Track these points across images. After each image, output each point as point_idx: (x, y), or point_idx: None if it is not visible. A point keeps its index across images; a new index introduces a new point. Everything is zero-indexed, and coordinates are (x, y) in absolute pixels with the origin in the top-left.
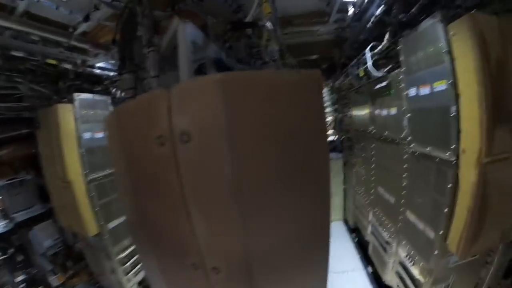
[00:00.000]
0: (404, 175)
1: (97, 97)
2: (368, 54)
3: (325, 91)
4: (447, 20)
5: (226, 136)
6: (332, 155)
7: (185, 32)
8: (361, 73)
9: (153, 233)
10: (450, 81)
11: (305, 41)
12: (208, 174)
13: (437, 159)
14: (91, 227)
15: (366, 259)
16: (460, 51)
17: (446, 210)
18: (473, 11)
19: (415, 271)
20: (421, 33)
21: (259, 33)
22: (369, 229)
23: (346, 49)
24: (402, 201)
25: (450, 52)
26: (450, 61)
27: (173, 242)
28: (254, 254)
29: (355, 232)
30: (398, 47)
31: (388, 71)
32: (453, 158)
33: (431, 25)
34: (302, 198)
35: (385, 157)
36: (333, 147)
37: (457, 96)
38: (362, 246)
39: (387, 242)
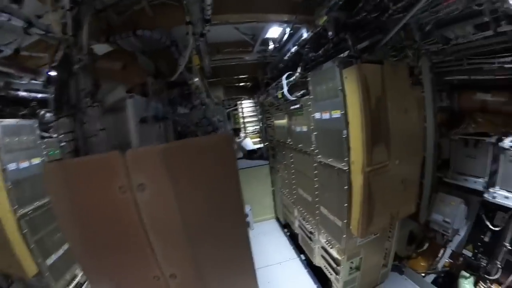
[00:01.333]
0: (315, 179)
1: (22, 121)
2: (284, 81)
3: (252, 104)
4: (343, 65)
5: (170, 185)
6: (260, 161)
7: (133, 106)
8: (279, 95)
9: (116, 259)
10: (343, 111)
11: (234, 63)
12: (161, 211)
13: (336, 168)
14: (30, 267)
15: (298, 249)
16: (350, 90)
17: (346, 204)
18: (361, 61)
19: (334, 252)
20: (324, 71)
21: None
22: (296, 223)
23: (268, 71)
24: (316, 199)
25: (343, 89)
26: (343, 96)
27: (136, 262)
28: (199, 261)
29: (286, 227)
30: (308, 79)
31: (302, 95)
32: (346, 168)
33: (331, 67)
34: (225, 223)
35: (301, 164)
36: (260, 154)
37: (347, 123)
38: (293, 238)
39: (311, 233)
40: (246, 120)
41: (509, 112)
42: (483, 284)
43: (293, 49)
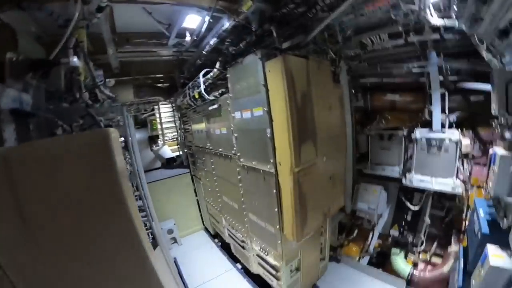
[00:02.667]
0: (240, 185)
1: None
2: (201, 79)
3: (170, 108)
4: (266, 58)
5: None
6: (180, 170)
7: None
8: (196, 95)
9: None
10: (266, 108)
11: (148, 59)
12: None
13: (262, 171)
14: None
15: (233, 258)
16: (273, 85)
17: (276, 209)
18: (286, 54)
19: (271, 259)
20: (245, 66)
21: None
22: (226, 232)
23: (186, 70)
24: (244, 206)
25: (266, 84)
26: (266, 92)
27: None
28: None
29: (217, 237)
30: (227, 75)
31: (221, 94)
32: (273, 170)
33: (253, 60)
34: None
35: (223, 170)
36: (180, 162)
37: (271, 120)
38: (226, 248)
39: (243, 241)
40: (164, 126)
41: (414, 109)
42: (412, 255)
43: (212, 42)
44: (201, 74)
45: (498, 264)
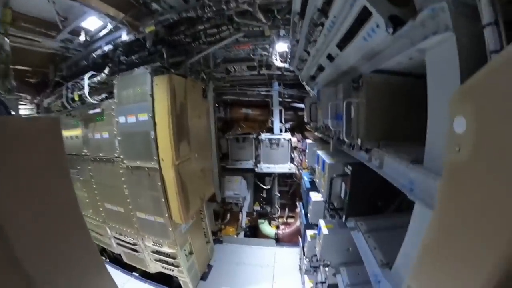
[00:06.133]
0: (124, 186)
1: None
2: (86, 81)
3: (31, 110)
4: (154, 73)
5: None
6: None
7: None
8: (76, 97)
9: None
10: (151, 114)
11: (24, 46)
12: None
13: (146, 168)
14: None
15: (128, 268)
16: (159, 96)
17: (163, 199)
18: (171, 73)
19: (166, 249)
20: (135, 76)
21: None
22: (113, 243)
23: (65, 69)
24: (130, 207)
25: (152, 95)
26: (151, 101)
27: None
28: None
29: (103, 253)
30: (114, 82)
31: (102, 100)
32: (157, 166)
33: (143, 73)
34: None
35: (104, 175)
36: None
37: (155, 124)
38: (117, 261)
39: (135, 244)
40: None
41: (261, 120)
42: (273, 221)
43: (106, 48)
44: (86, 76)
45: (316, 199)
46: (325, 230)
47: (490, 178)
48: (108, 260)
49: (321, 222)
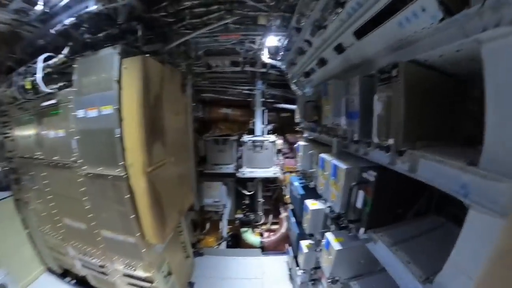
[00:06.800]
0: (84, 198)
1: None
2: (40, 64)
3: None
4: (124, 54)
5: None
6: None
7: None
8: (28, 85)
9: None
10: (116, 106)
11: None
12: None
13: (110, 176)
14: None
15: None
16: (128, 83)
17: (132, 216)
18: (145, 55)
19: (140, 272)
20: (99, 58)
21: None
22: (78, 264)
23: (18, 51)
24: (93, 223)
25: (119, 81)
26: (118, 89)
27: None
28: None
29: (67, 275)
30: (74, 65)
31: (59, 88)
32: (123, 173)
33: (109, 54)
34: None
35: (61, 184)
36: None
37: (121, 120)
38: (84, 283)
39: (102, 266)
40: None
41: (242, 121)
42: (257, 229)
43: (67, 21)
44: (40, 59)
45: (315, 208)
46: (336, 245)
47: None
48: (74, 281)
49: (329, 236)
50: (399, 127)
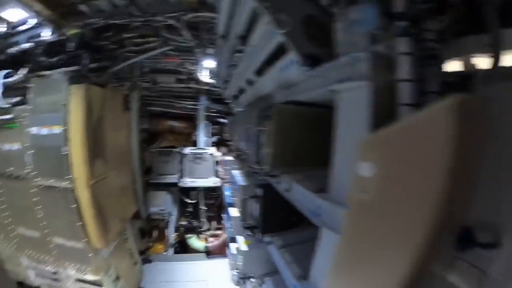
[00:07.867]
0: (38, 208)
1: None
2: (0, 80)
3: None
4: (72, 81)
5: None
6: None
7: None
8: None
9: None
10: (64, 127)
11: None
12: None
13: (60, 188)
14: None
15: None
16: (75, 107)
17: (79, 223)
18: (89, 82)
19: (90, 276)
20: (51, 81)
21: None
22: (32, 274)
23: None
24: (46, 231)
25: (67, 105)
26: (65, 112)
27: None
28: None
29: (22, 286)
30: (30, 85)
31: (18, 103)
32: (70, 186)
33: (59, 79)
34: None
35: (15, 195)
36: None
37: (68, 139)
38: None
39: (55, 273)
40: None
41: (187, 133)
42: (201, 235)
43: (26, 45)
44: (1, 74)
45: (235, 215)
46: (244, 247)
47: (389, 215)
48: None
49: (240, 239)
50: (270, 156)
